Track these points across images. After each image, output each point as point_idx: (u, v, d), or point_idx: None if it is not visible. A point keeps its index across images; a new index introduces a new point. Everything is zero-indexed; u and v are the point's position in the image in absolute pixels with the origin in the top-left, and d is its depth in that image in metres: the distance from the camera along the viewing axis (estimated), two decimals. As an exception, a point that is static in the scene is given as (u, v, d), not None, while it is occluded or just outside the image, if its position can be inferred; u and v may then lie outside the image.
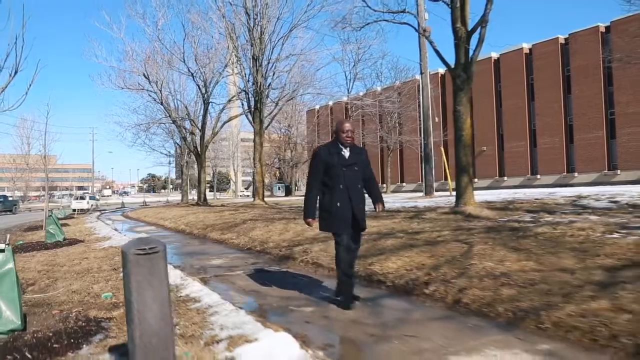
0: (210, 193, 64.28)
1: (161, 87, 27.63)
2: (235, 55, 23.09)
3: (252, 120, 22.02)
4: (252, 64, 21.14)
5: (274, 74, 22.59)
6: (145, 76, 27.18)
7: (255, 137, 21.85)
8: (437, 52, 10.27)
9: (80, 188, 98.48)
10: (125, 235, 12.03)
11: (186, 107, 30.23)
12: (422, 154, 19.76)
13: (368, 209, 4.41)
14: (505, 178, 41.00)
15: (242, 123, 55.18)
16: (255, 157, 22.05)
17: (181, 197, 42.95)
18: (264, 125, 22.96)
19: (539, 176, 38.87)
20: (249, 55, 21.48)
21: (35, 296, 4.74)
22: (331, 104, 49.27)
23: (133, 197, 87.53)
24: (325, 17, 33.55)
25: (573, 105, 36.98)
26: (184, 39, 26.09)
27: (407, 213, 9.99)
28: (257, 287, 5.26)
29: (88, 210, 35.44)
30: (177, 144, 39.99)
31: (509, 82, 40.57)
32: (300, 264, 6.54)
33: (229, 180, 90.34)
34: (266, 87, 21.65)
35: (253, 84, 21.27)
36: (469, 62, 9.58)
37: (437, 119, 32.67)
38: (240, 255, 7.89)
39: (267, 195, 42.09)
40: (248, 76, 22.01)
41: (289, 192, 55.55)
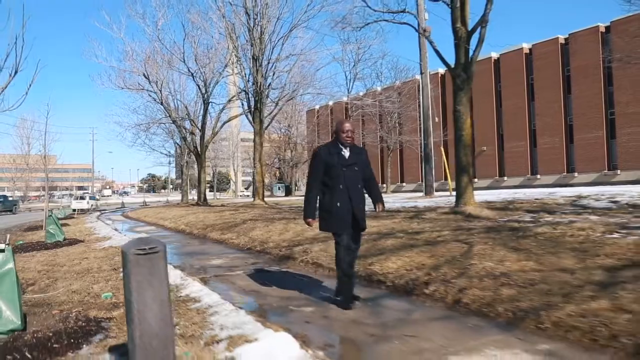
0: (210, 193, 64.28)
1: (161, 87, 27.66)
2: (235, 55, 23.09)
3: (252, 120, 22.03)
4: (252, 64, 21.14)
5: (274, 74, 22.62)
6: (145, 76, 27.19)
7: (255, 137, 21.85)
8: (437, 52, 10.28)
9: (80, 188, 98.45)
10: (125, 235, 12.03)
11: (186, 107, 30.24)
12: (422, 154, 19.75)
13: (368, 209, 4.41)
14: (505, 178, 40.99)
15: (242, 123, 55.30)
16: (255, 157, 22.05)
17: (181, 197, 42.95)
18: (264, 125, 22.96)
19: (539, 176, 38.87)
20: (249, 55, 21.49)
21: (35, 296, 4.74)
22: (331, 104, 49.24)
23: (133, 197, 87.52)
24: (325, 17, 33.63)
25: (573, 105, 36.98)
26: (184, 39, 26.17)
27: (407, 213, 9.99)
28: (257, 287, 5.26)
29: (88, 210, 35.47)
30: (177, 144, 39.99)
31: (509, 82, 40.57)
32: (300, 264, 6.54)
33: (229, 180, 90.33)
34: (266, 87, 21.65)
35: (253, 84, 21.27)
36: (469, 62, 9.58)
37: (437, 119, 32.70)
38: (240, 255, 7.89)
39: (267, 195, 42.10)
40: (248, 76, 22.04)
41: (289, 192, 55.53)
